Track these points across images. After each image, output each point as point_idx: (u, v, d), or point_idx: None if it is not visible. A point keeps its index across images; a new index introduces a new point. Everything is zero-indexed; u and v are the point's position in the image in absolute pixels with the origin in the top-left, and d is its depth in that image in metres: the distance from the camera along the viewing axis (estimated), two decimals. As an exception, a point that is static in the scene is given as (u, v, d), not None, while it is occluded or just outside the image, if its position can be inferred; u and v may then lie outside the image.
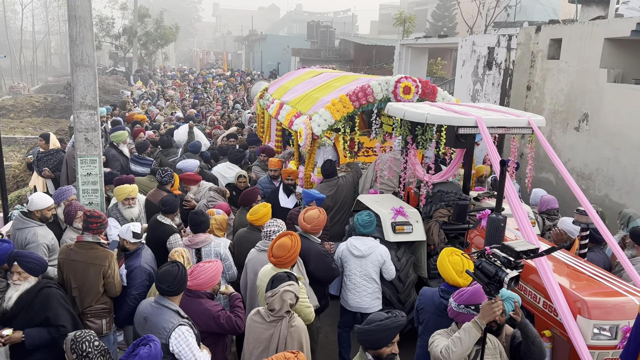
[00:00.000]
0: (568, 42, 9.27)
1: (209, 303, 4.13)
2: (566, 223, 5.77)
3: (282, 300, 3.71)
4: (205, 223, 5.30)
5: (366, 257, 5.44)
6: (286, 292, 3.73)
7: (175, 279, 3.77)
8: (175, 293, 3.82)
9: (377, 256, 5.47)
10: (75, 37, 5.79)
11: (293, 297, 3.77)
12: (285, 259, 4.41)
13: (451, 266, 4.09)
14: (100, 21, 38.03)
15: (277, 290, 3.74)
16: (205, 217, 5.34)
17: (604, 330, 4.04)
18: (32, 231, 5.16)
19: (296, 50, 34.49)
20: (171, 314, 3.72)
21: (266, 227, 5.12)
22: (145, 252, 5.04)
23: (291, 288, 3.77)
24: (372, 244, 5.49)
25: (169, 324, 3.67)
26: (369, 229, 5.53)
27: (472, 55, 12.78)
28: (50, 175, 8.58)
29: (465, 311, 3.65)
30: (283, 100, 9.53)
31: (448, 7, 41.45)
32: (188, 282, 4.01)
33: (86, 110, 6.02)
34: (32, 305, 4.00)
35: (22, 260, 4.06)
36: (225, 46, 67.04)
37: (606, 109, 8.39)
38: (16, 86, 34.15)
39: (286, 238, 4.51)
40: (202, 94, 21.26)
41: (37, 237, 5.13)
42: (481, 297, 3.59)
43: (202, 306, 4.08)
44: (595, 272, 4.62)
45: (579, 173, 8.93)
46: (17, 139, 19.69)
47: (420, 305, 4.25)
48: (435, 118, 5.69)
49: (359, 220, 5.53)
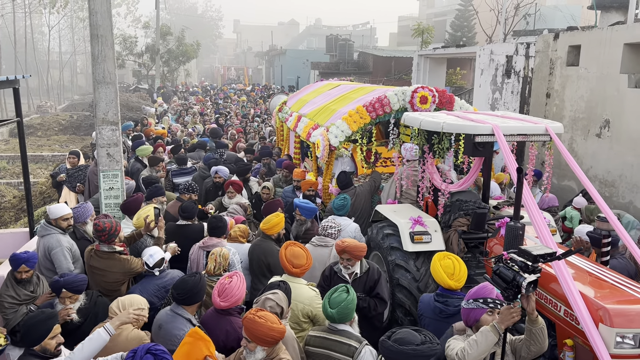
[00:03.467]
0: (587, 48, 9.18)
1: (238, 322, 3.93)
2: (581, 232, 5.66)
3: (264, 307, 3.67)
4: (222, 228, 5.46)
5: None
6: (267, 300, 3.71)
7: (188, 289, 3.84)
8: (187, 302, 3.87)
9: (348, 232, 6.27)
10: (98, 55, 5.97)
11: (275, 306, 3.67)
12: (307, 266, 4.53)
13: (442, 270, 4.29)
14: (124, 40, 38.94)
15: (260, 297, 3.77)
16: (223, 223, 5.50)
17: (627, 338, 3.95)
18: (55, 237, 5.34)
19: (315, 63, 34.79)
20: (184, 322, 3.78)
21: (323, 224, 5.80)
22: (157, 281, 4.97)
23: (273, 297, 3.72)
24: (346, 222, 6.37)
25: (181, 331, 3.71)
26: (342, 211, 6.43)
27: (491, 64, 12.73)
28: (82, 190, 8.81)
29: (474, 305, 3.63)
30: (301, 113, 9.63)
31: (467, 17, 41.33)
32: (222, 302, 3.92)
33: (108, 126, 6.19)
34: (96, 314, 4.33)
35: (69, 286, 4.28)
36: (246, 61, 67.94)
37: (628, 115, 8.27)
38: (43, 105, 35.13)
39: (295, 247, 4.60)
40: (224, 109, 21.57)
41: (61, 242, 5.32)
42: (489, 291, 3.60)
43: (231, 325, 3.95)
44: (618, 280, 4.53)
45: (602, 180, 8.78)
46: (44, 156, 20.23)
47: (420, 311, 4.38)
48: (452, 127, 5.68)
49: (334, 204, 6.49)
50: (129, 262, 4.98)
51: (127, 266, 4.96)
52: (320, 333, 3.93)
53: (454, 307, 4.24)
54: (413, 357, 3.18)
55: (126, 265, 4.95)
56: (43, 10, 43.92)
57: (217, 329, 3.92)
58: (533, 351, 3.51)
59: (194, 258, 5.42)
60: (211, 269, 4.80)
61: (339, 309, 3.80)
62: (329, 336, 3.84)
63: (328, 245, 5.62)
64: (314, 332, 3.99)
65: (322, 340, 3.87)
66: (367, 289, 4.85)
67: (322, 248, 5.62)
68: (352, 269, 4.80)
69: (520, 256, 3.23)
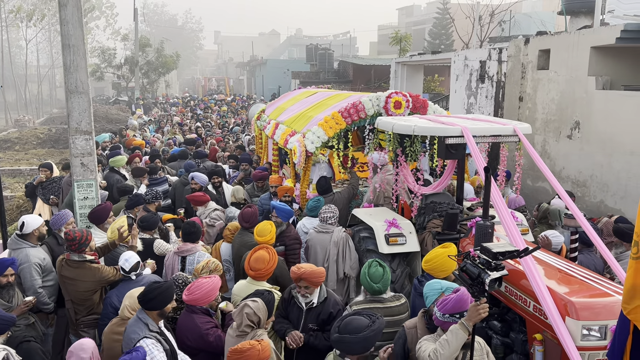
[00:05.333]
0: (556, 52, 9.41)
1: (201, 319, 4.14)
2: (548, 234, 5.75)
3: (242, 315, 3.69)
4: (195, 234, 5.49)
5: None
6: (245, 306, 3.71)
7: (146, 295, 3.85)
8: (147, 307, 3.86)
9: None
10: (70, 65, 5.97)
11: (252, 314, 3.67)
12: (264, 272, 4.53)
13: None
14: (102, 52, 38.73)
15: (240, 304, 3.79)
16: (196, 229, 5.53)
17: (593, 330, 4.04)
18: (24, 252, 5.26)
19: (296, 73, 34.96)
20: (141, 326, 3.78)
21: (322, 214, 6.09)
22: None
23: (252, 304, 3.70)
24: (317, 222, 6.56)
25: (136, 335, 3.75)
26: (315, 212, 6.60)
27: (465, 70, 12.95)
28: (56, 202, 8.74)
29: (450, 320, 3.67)
30: (279, 120, 9.68)
31: (444, 25, 42.00)
32: (185, 296, 4.12)
33: (82, 135, 6.17)
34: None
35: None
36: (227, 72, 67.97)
37: (596, 116, 8.48)
38: (21, 119, 34.68)
39: (263, 251, 4.62)
40: (203, 119, 21.54)
41: (29, 258, 5.22)
42: (465, 304, 3.63)
43: (193, 321, 4.12)
44: (585, 275, 4.63)
45: (574, 180, 8.97)
46: (22, 170, 19.95)
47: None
48: (422, 129, 5.79)
49: (308, 206, 6.77)
50: (100, 270, 4.96)
51: (99, 275, 4.94)
52: (367, 304, 4.34)
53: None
54: (363, 342, 3.50)
55: (97, 274, 4.93)
56: (20, 24, 43.49)
57: (183, 326, 4.10)
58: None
59: (169, 264, 5.44)
60: (199, 269, 4.85)
61: (382, 281, 4.38)
62: (380, 304, 4.37)
63: (329, 232, 6.11)
64: (362, 305, 4.33)
65: (378, 310, 4.25)
66: (319, 321, 4.35)
67: (323, 234, 6.11)
68: (311, 297, 4.34)
69: (483, 253, 3.30)
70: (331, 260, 6.04)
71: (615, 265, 4.55)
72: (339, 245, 6.08)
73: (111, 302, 4.80)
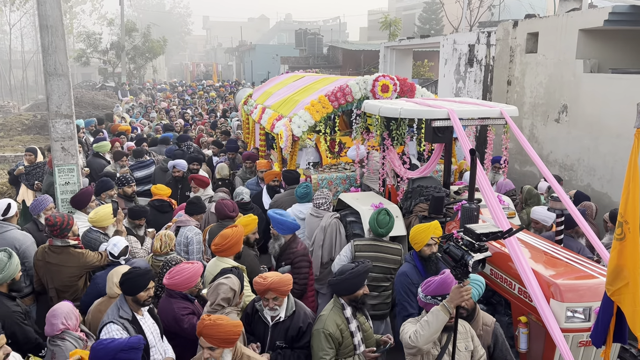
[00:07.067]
0: (544, 35, 9.35)
1: (177, 304, 4.09)
2: (538, 212, 5.77)
3: (217, 293, 3.74)
4: (196, 206, 5.81)
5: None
6: (220, 285, 3.76)
7: (121, 277, 3.86)
8: (122, 291, 3.87)
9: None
10: (48, 46, 5.82)
11: (227, 290, 3.73)
12: (222, 246, 4.58)
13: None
14: (88, 37, 38.09)
15: (213, 282, 3.84)
16: (201, 203, 5.88)
17: (577, 312, 4.05)
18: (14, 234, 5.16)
19: (285, 58, 34.61)
20: (114, 310, 3.80)
21: (316, 199, 6.18)
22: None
23: (226, 281, 3.77)
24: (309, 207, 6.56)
25: (106, 317, 3.77)
26: (306, 199, 6.61)
27: (454, 54, 12.87)
28: (40, 188, 8.61)
29: (432, 302, 3.66)
30: (265, 105, 9.57)
31: (434, 9, 41.73)
32: (165, 280, 4.14)
33: (62, 119, 6.04)
34: None
35: None
36: (216, 58, 67.18)
37: (584, 100, 8.46)
38: (6, 105, 34.13)
39: (229, 229, 4.70)
40: (191, 105, 21.30)
41: (27, 238, 5.20)
42: (448, 287, 3.61)
43: (170, 305, 4.09)
44: (570, 257, 4.64)
45: (562, 164, 8.97)
46: (7, 157, 19.65)
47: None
48: (409, 112, 5.73)
49: (297, 193, 6.68)
50: (84, 255, 4.88)
51: (83, 260, 4.86)
52: (368, 242, 5.24)
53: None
54: (352, 279, 3.88)
55: (81, 259, 4.86)
56: (3, 8, 42.63)
57: (161, 309, 4.15)
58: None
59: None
60: (157, 248, 4.95)
61: (387, 227, 5.20)
62: (379, 243, 5.21)
63: (319, 216, 6.16)
64: (362, 241, 5.26)
65: (373, 246, 5.17)
66: (288, 338, 3.91)
67: (315, 218, 6.21)
68: (279, 310, 3.89)
69: (467, 235, 3.26)
70: (316, 245, 5.99)
71: (599, 247, 4.55)
72: (327, 231, 5.99)
73: (97, 285, 4.72)
